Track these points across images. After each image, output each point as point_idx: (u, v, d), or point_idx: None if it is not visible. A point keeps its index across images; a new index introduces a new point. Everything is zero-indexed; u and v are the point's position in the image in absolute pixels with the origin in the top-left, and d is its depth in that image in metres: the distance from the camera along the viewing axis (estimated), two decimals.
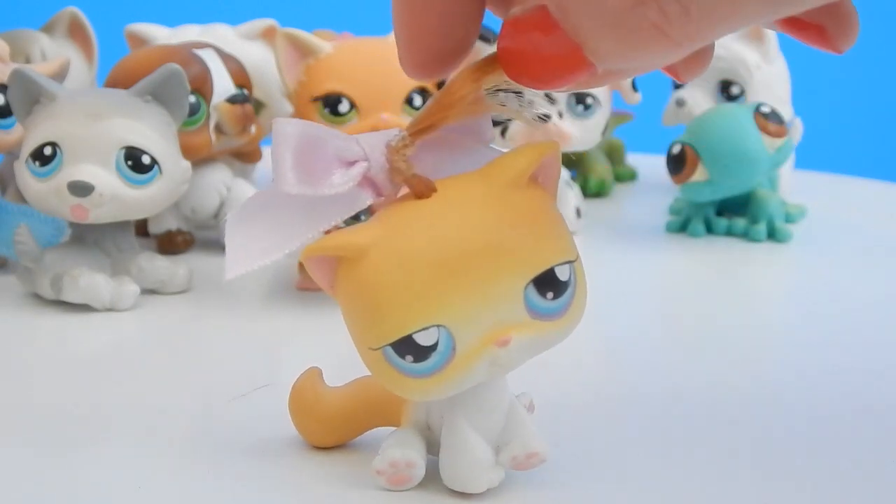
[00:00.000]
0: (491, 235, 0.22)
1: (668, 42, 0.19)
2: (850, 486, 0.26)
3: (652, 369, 0.35)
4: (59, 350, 0.37)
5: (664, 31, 0.19)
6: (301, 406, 0.27)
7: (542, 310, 0.23)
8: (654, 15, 0.19)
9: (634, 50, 0.19)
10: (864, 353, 0.37)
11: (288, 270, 0.46)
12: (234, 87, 0.50)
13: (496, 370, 0.23)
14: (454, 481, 0.25)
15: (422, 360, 0.22)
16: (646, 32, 0.19)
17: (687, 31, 0.19)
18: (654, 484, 0.26)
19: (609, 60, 0.20)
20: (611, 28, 0.19)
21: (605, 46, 0.20)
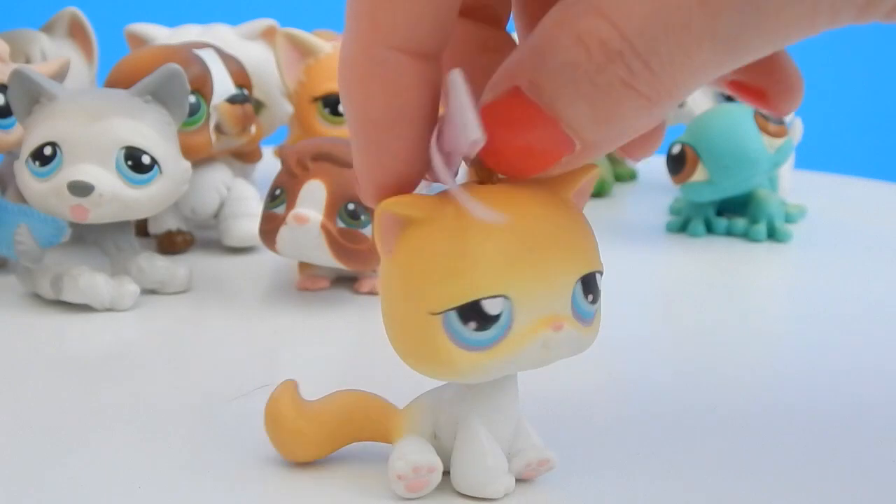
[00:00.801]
0: (561, 225, 0.23)
1: (639, 98, 0.20)
2: (850, 485, 0.26)
3: (652, 369, 0.35)
4: (59, 350, 0.37)
5: (633, 86, 0.19)
6: (278, 420, 0.26)
7: (581, 311, 0.23)
8: (621, 71, 0.19)
9: (610, 111, 0.20)
10: (865, 352, 0.37)
11: (288, 270, 0.46)
12: (234, 87, 0.50)
13: (544, 356, 0.23)
14: (472, 487, 0.25)
15: (483, 329, 0.22)
16: (617, 91, 0.20)
17: (653, 84, 0.19)
18: (655, 484, 0.26)
19: (588, 129, 0.20)
20: (585, 93, 0.20)
21: (581, 113, 0.20)
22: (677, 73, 0.19)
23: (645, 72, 0.19)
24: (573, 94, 0.20)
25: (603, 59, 0.19)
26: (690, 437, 0.29)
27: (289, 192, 0.40)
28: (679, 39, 0.19)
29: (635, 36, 0.19)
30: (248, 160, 0.55)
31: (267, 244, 0.41)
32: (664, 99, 0.20)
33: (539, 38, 0.20)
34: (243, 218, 0.50)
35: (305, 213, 0.39)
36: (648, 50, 0.19)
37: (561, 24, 0.20)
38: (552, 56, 0.20)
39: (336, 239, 0.39)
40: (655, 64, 0.19)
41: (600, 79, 0.20)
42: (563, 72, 0.20)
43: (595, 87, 0.20)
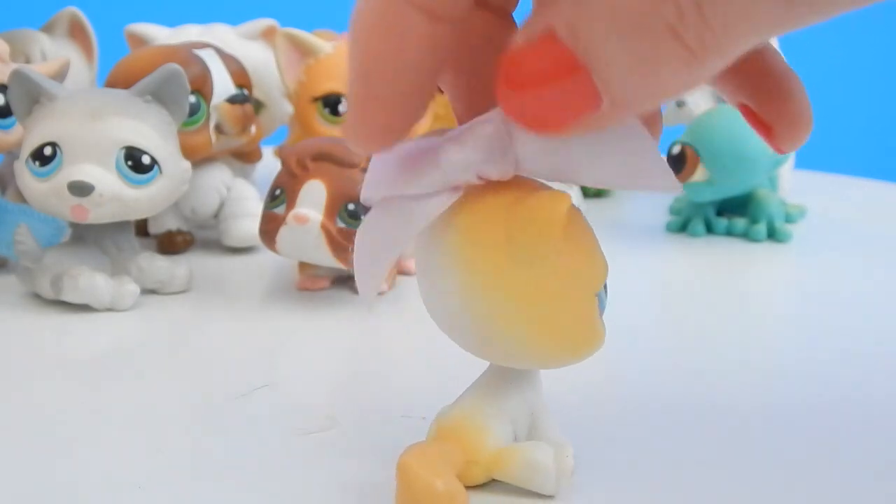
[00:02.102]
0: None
1: (683, 49, 0.18)
2: (851, 484, 0.26)
3: (652, 369, 0.35)
4: (59, 350, 0.37)
5: (680, 33, 0.18)
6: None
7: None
8: (670, 15, 0.18)
9: (648, 61, 0.19)
10: (865, 352, 0.37)
11: (288, 270, 0.46)
12: (234, 87, 0.50)
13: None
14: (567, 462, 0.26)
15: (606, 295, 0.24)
16: (661, 36, 0.18)
17: (701, 34, 0.18)
18: (654, 484, 0.26)
19: (620, 81, 0.19)
20: (626, 36, 0.19)
21: (617, 60, 0.19)
22: (731, 25, 0.18)
23: (696, 18, 0.18)
24: (612, 38, 0.19)
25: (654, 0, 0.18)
26: (690, 436, 0.29)
27: (289, 192, 0.40)
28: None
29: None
30: (248, 160, 0.55)
31: (267, 244, 0.41)
32: (709, 55, 0.19)
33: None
34: (243, 218, 0.50)
35: (305, 213, 0.39)
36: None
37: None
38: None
39: (336, 239, 0.39)
40: (709, 10, 0.18)
41: (645, 21, 0.18)
42: (606, 13, 0.19)
43: (638, 31, 0.18)
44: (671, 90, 0.19)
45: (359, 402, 0.32)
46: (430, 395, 0.31)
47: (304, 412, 0.30)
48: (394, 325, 0.40)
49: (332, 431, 0.29)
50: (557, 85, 0.19)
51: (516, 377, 0.25)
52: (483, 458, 0.25)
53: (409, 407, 0.31)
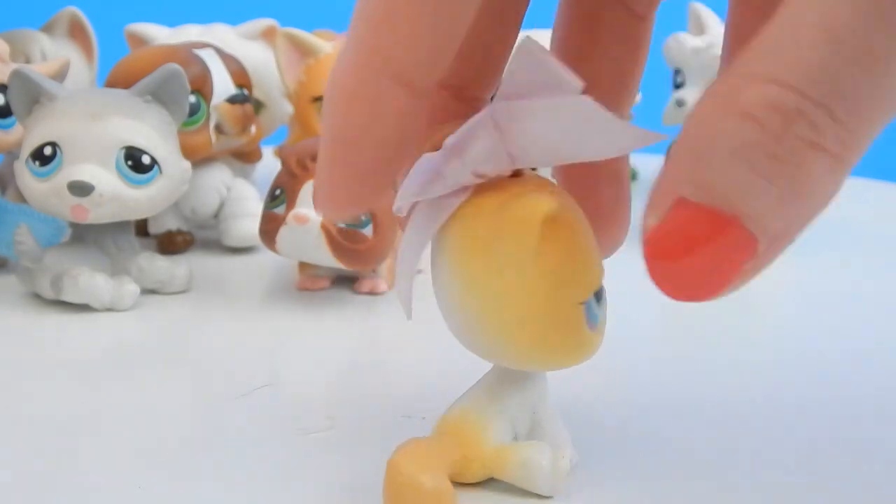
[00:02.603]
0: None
1: (828, 157, 0.17)
2: (851, 484, 0.26)
3: (651, 368, 0.35)
4: (59, 350, 0.37)
5: (821, 144, 0.17)
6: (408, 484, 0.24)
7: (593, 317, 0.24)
8: (805, 131, 0.17)
9: (798, 184, 0.18)
10: (865, 352, 0.37)
11: (288, 270, 0.46)
12: (234, 87, 0.50)
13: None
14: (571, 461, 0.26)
15: (601, 307, 0.24)
16: (803, 155, 0.17)
17: (841, 135, 0.17)
18: (654, 483, 0.26)
19: (773, 216, 0.18)
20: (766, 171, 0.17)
21: (765, 197, 0.18)
22: (866, 113, 0.17)
23: (831, 123, 0.17)
24: (752, 178, 0.17)
25: (780, 124, 0.17)
26: (690, 436, 0.29)
27: (289, 192, 0.40)
28: (863, 70, 0.17)
29: (812, 85, 0.17)
30: (248, 160, 0.55)
31: (267, 244, 0.41)
32: (853, 151, 0.18)
33: (694, 133, 0.18)
34: (243, 218, 0.50)
35: (305, 213, 0.39)
36: (831, 95, 0.17)
37: (716, 108, 0.18)
38: (716, 146, 0.18)
39: (336, 239, 0.39)
40: (841, 110, 0.17)
41: (781, 148, 0.17)
42: (734, 157, 0.17)
43: (776, 161, 0.17)
44: (823, 203, 0.18)
45: (359, 403, 0.32)
46: (430, 395, 0.31)
47: (304, 412, 0.30)
48: (394, 325, 0.40)
49: (332, 431, 0.29)
50: (710, 247, 0.18)
51: (518, 376, 0.25)
52: (480, 456, 0.25)
53: (409, 407, 0.31)
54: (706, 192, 0.18)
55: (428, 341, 0.39)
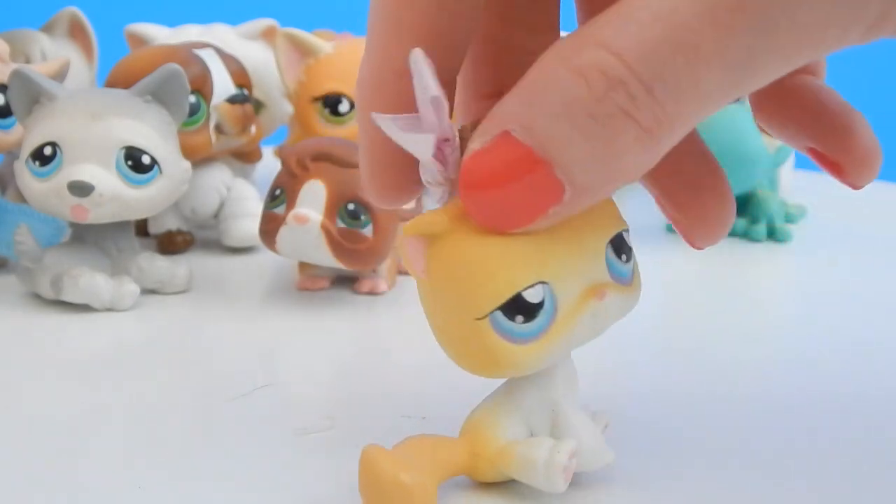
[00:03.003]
0: None
1: (639, 129, 0.19)
2: (851, 485, 0.26)
3: (651, 368, 0.35)
4: (59, 350, 0.37)
5: (634, 115, 0.19)
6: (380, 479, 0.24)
7: (618, 272, 0.24)
8: (622, 100, 0.19)
9: (607, 146, 0.19)
10: (865, 352, 0.37)
11: (288, 270, 0.46)
12: (234, 87, 0.50)
13: (596, 326, 0.23)
14: (592, 461, 0.25)
15: (531, 319, 0.22)
16: (617, 121, 0.19)
17: (655, 113, 0.19)
18: (653, 483, 0.26)
19: (582, 170, 0.20)
20: (582, 127, 0.19)
21: (577, 151, 0.19)
22: (682, 101, 0.19)
23: (647, 99, 0.19)
24: (569, 131, 0.19)
25: (603, 88, 0.19)
26: (689, 436, 0.29)
27: (289, 192, 0.40)
28: (687, 62, 0.18)
29: (639, 61, 0.18)
30: (248, 160, 0.55)
31: (267, 244, 0.41)
32: (665, 131, 0.19)
33: (532, 78, 0.20)
34: (243, 218, 0.50)
35: (305, 213, 0.39)
36: (653, 75, 0.18)
37: (557, 60, 0.19)
38: (547, 93, 0.19)
39: (336, 239, 0.39)
40: (659, 90, 0.18)
41: (599, 109, 0.19)
42: (559, 108, 0.19)
43: (593, 120, 0.19)
44: (631, 171, 0.20)
45: (359, 403, 0.32)
46: (430, 396, 0.31)
47: (304, 412, 0.30)
48: (394, 325, 0.40)
49: (332, 431, 0.29)
50: (520, 182, 0.20)
51: (535, 376, 0.25)
52: (488, 453, 0.25)
53: (409, 407, 0.31)
54: (529, 133, 0.20)
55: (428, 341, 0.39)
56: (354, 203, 0.39)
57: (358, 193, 0.39)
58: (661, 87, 0.18)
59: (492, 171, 0.20)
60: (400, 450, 0.24)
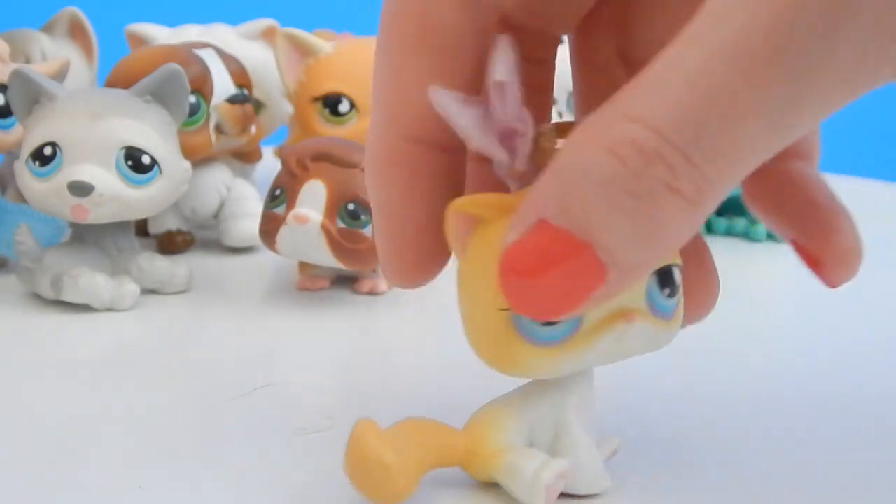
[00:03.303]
0: None
1: (683, 200, 0.18)
2: (851, 485, 0.26)
3: (651, 368, 0.35)
4: (59, 350, 0.37)
5: (677, 187, 0.18)
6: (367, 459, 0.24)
7: (658, 305, 0.23)
8: (663, 173, 0.18)
9: (652, 222, 0.18)
10: (865, 352, 0.37)
11: (288, 270, 0.46)
12: (234, 87, 0.50)
13: (618, 350, 0.23)
14: (584, 486, 0.25)
15: (552, 323, 0.22)
16: (659, 196, 0.18)
17: (696, 181, 0.18)
18: (652, 484, 0.26)
19: (626, 249, 0.19)
20: (623, 206, 0.18)
21: (620, 230, 0.18)
22: (722, 162, 0.18)
23: (687, 168, 0.18)
24: (609, 211, 0.18)
25: (640, 163, 0.18)
26: (689, 436, 0.29)
27: (289, 192, 0.40)
28: (723, 122, 0.17)
29: (673, 131, 0.18)
30: (248, 160, 0.55)
31: (267, 244, 0.41)
32: (708, 197, 0.18)
33: (564, 161, 0.19)
34: (243, 218, 0.50)
35: (305, 213, 0.39)
36: (689, 142, 0.18)
37: (586, 140, 0.19)
38: (582, 175, 0.18)
39: (336, 239, 0.39)
40: (698, 156, 0.18)
41: (639, 186, 0.18)
42: (595, 189, 0.18)
43: (634, 198, 0.18)
44: (675, 242, 0.19)
45: (359, 403, 0.32)
46: (429, 396, 0.31)
47: (304, 412, 0.30)
48: (394, 325, 0.40)
49: (332, 431, 0.29)
50: (561, 269, 0.19)
51: (549, 385, 0.25)
52: (482, 453, 0.25)
53: (409, 407, 0.30)
54: (567, 217, 0.19)
55: (428, 341, 0.39)
56: (354, 203, 0.39)
57: (358, 193, 0.39)
58: (700, 154, 0.18)
59: (531, 260, 0.19)
60: (394, 430, 0.24)
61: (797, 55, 0.17)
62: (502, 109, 0.21)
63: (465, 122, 0.21)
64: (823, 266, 0.24)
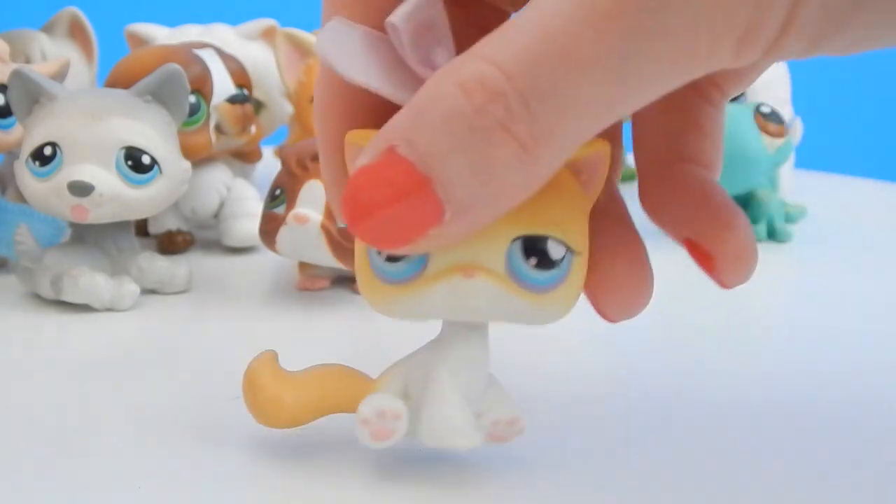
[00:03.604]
0: None
1: (514, 144, 0.18)
2: (850, 486, 0.26)
3: (651, 369, 0.35)
4: (59, 350, 0.37)
5: (509, 128, 0.18)
6: (257, 387, 0.27)
7: (521, 274, 0.22)
8: (499, 112, 0.18)
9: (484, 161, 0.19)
10: (865, 352, 0.37)
11: (288, 270, 0.46)
12: (234, 87, 0.50)
13: (461, 305, 0.22)
14: (436, 438, 0.24)
15: (394, 261, 0.22)
16: (493, 135, 0.18)
17: (530, 126, 0.18)
18: (651, 485, 0.26)
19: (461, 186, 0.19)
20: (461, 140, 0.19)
21: (455, 166, 0.19)
22: (559, 112, 0.18)
23: (523, 111, 0.18)
24: (448, 144, 0.19)
25: (482, 100, 0.18)
26: (688, 436, 0.29)
27: (289, 192, 0.40)
28: (563, 71, 0.18)
29: (517, 73, 0.18)
30: (248, 160, 0.55)
31: (267, 244, 0.41)
32: (540, 147, 0.19)
33: (418, 95, 0.19)
34: (243, 218, 0.50)
35: (305, 213, 0.39)
36: (529, 85, 0.18)
37: (443, 74, 0.19)
38: (431, 108, 0.19)
39: (336, 239, 0.39)
40: (535, 101, 0.18)
41: (478, 122, 0.18)
42: (440, 121, 0.19)
43: (472, 133, 0.18)
44: (511, 191, 0.19)
45: None
46: None
47: None
48: (393, 325, 0.40)
49: (332, 431, 0.29)
50: (400, 201, 0.19)
51: (433, 342, 0.25)
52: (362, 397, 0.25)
53: None
54: (412, 148, 0.19)
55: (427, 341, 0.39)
56: None
57: None
58: (538, 100, 0.18)
59: (373, 189, 0.20)
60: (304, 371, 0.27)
61: (635, 15, 0.18)
62: (402, 53, 0.21)
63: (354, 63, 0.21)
64: (717, 264, 0.24)
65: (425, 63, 0.21)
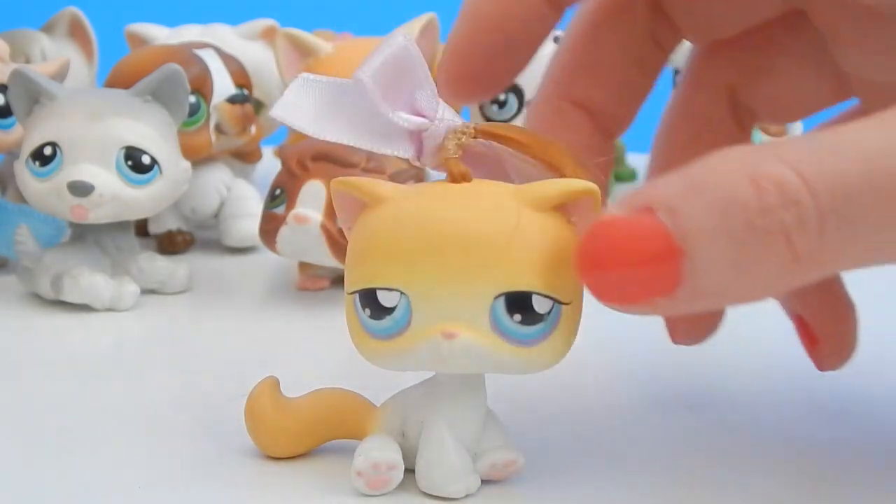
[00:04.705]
0: (483, 233, 0.22)
1: (790, 254, 0.18)
2: (849, 486, 0.26)
3: (650, 369, 0.35)
4: (59, 350, 0.37)
5: (792, 240, 0.18)
6: (258, 416, 0.27)
7: (505, 329, 0.22)
8: (789, 220, 0.17)
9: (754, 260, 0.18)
10: (865, 352, 0.37)
11: (288, 270, 0.46)
12: (234, 87, 0.50)
13: (447, 362, 0.22)
14: (434, 486, 0.24)
15: (377, 318, 0.23)
16: (772, 239, 0.18)
17: (814, 246, 0.18)
18: (651, 485, 0.26)
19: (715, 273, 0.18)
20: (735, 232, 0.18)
21: (719, 253, 0.18)
22: (850, 242, 0.18)
23: (815, 228, 0.17)
24: (720, 231, 0.18)
25: (775, 202, 0.17)
26: (688, 437, 0.29)
27: (289, 192, 0.40)
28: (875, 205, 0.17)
29: (823, 189, 0.17)
30: (248, 160, 0.55)
31: (267, 244, 0.41)
32: (813, 265, 0.18)
33: (698, 171, 0.19)
34: (243, 218, 0.50)
35: (305, 213, 0.39)
36: (832, 208, 0.17)
37: (732, 161, 0.18)
38: (710, 188, 0.18)
39: (336, 239, 0.39)
40: (833, 224, 0.17)
41: (760, 221, 0.18)
42: (718, 204, 0.18)
43: (749, 229, 0.18)
44: (754, 292, 0.19)
45: None
46: None
47: None
48: None
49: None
50: (647, 268, 0.19)
51: (431, 383, 0.25)
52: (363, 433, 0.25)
53: None
54: (674, 217, 0.18)
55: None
56: None
57: None
58: (836, 224, 0.17)
59: (619, 243, 0.19)
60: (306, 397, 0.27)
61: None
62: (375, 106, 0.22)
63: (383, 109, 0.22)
64: (822, 350, 0.25)
65: (406, 109, 0.22)
